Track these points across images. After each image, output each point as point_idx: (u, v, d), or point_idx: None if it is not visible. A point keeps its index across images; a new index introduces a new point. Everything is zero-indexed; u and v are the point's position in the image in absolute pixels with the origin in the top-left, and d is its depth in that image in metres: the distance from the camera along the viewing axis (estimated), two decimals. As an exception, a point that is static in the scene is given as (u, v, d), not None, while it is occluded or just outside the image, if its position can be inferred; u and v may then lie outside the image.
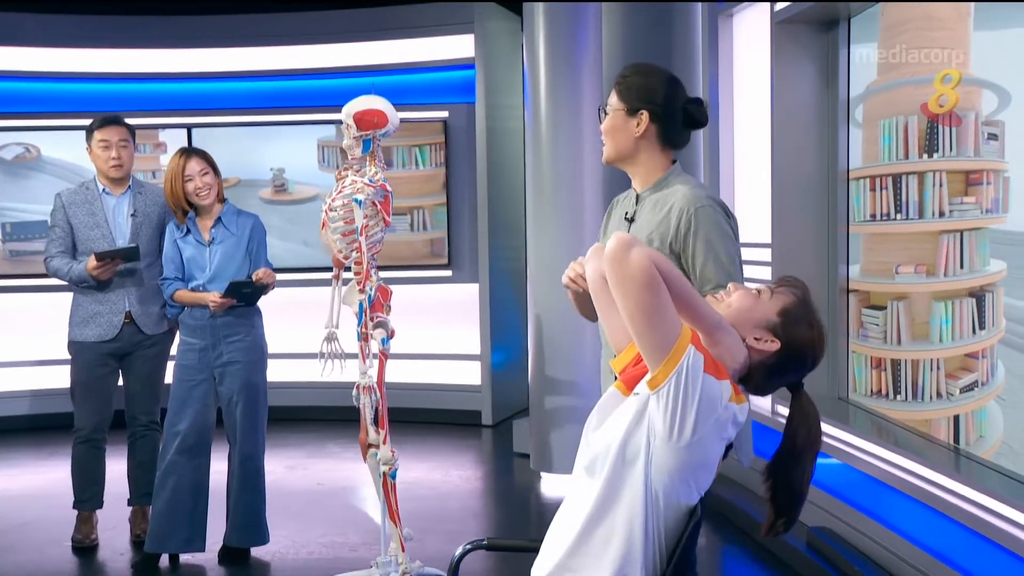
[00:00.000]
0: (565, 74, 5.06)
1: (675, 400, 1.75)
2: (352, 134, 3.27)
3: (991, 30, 3.25)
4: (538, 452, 5.30)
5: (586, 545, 1.85)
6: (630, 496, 1.82)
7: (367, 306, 3.31)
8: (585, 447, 1.96)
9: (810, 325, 1.90)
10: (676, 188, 2.44)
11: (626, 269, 1.73)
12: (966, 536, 3.11)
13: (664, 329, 1.73)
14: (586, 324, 5.03)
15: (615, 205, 2.63)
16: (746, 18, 4.76)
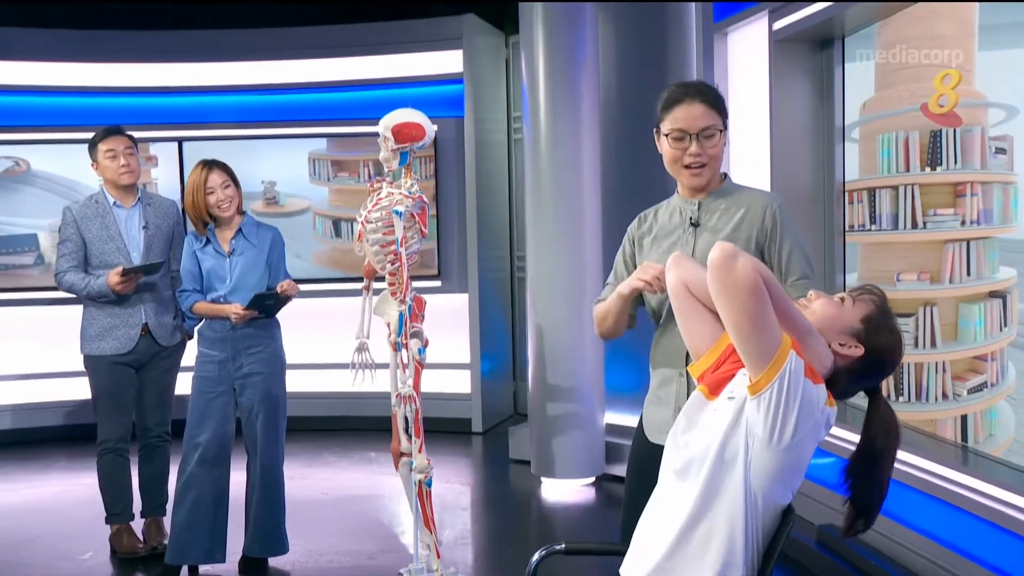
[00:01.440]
0: (564, 88, 5.11)
1: (777, 404, 1.79)
2: (390, 147, 3.27)
3: (996, 50, 3.37)
4: (539, 458, 5.32)
5: (686, 546, 1.88)
6: (730, 498, 1.85)
7: (407, 316, 3.31)
8: (675, 450, 1.99)
9: (891, 331, 1.96)
10: (744, 191, 2.51)
11: (734, 278, 1.77)
12: (975, 525, 3.21)
13: (768, 336, 1.78)
14: (587, 333, 5.14)
15: (646, 219, 2.62)
16: (741, 36, 4.85)
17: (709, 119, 2.40)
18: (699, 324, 2.09)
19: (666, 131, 2.45)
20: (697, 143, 2.40)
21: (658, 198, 5.36)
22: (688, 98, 2.42)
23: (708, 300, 2.08)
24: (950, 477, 3.40)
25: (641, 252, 2.59)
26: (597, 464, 5.31)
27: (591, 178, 5.19)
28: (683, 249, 2.45)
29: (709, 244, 2.40)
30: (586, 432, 5.25)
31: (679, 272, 2.11)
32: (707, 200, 2.49)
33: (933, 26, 3.70)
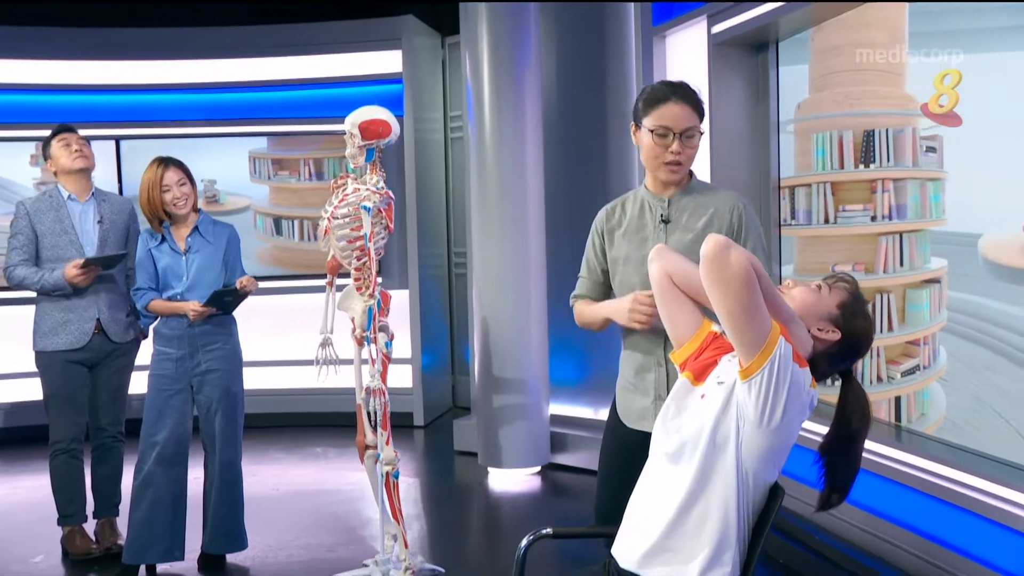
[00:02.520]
0: (508, 87, 5.17)
1: (767, 388, 1.86)
2: (356, 143, 3.27)
3: (926, 56, 3.54)
4: (486, 449, 5.37)
5: (683, 526, 1.95)
6: (723, 478, 1.93)
7: (376, 311, 3.32)
8: (665, 435, 2.06)
9: (864, 317, 2.07)
10: (711, 190, 2.61)
11: (728, 269, 1.84)
12: (910, 496, 3.39)
13: (760, 323, 1.86)
14: (532, 326, 5.21)
15: (614, 212, 2.67)
16: (679, 39, 4.98)
17: (692, 120, 2.49)
18: (681, 313, 2.17)
19: (651, 127, 2.50)
20: (679, 142, 2.47)
21: (597, 194, 5.52)
22: (675, 98, 2.49)
23: (690, 290, 2.17)
24: (886, 454, 3.57)
25: (612, 246, 2.65)
26: (543, 454, 5.39)
27: (535, 175, 5.26)
28: (651, 245, 2.52)
29: (680, 241, 2.50)
30: (532, 423, 5.32)
31: (662, 264, 2.19)
32: (676, 197, 2.57)
33: (865, 33, 3.88)
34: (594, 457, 5.28)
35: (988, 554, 3.05)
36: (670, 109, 2.48)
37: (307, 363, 6.47)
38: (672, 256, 2.20)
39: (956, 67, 3.36)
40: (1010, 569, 2.96)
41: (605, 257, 2.68)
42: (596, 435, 5.41)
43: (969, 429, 3.36)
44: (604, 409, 5.50)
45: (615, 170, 5.41)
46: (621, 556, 2.07)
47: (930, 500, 3.32)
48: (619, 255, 2.62)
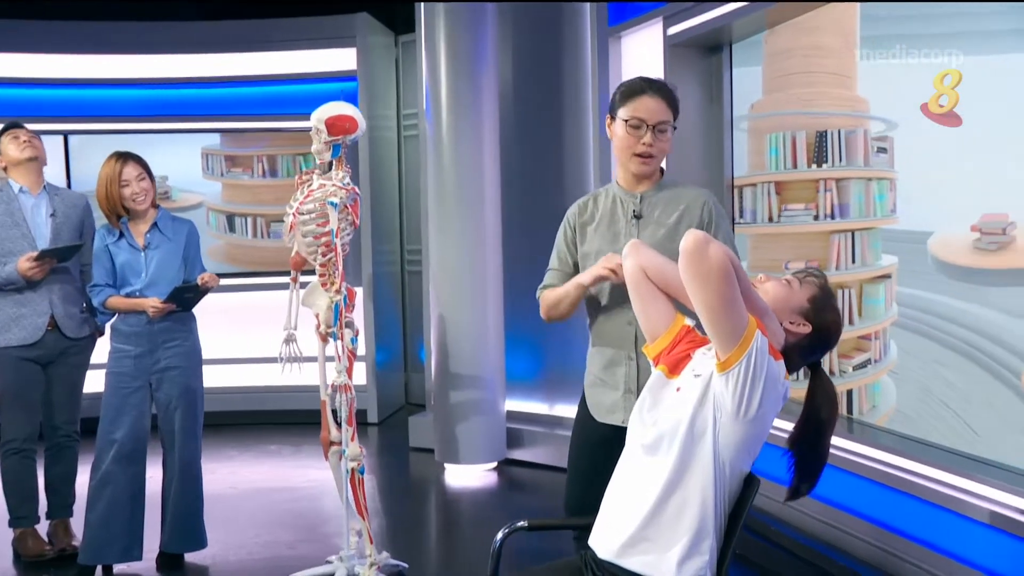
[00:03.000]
0: (466, 85, 5.18)
1: (744, 380, 1.90)
2: (323, 139, 3.25)
3: (876, 60, 3.64)
4: (443, 445, 5.38)
5: (661, 516, 1.97)
6: (701, 468, 1.95)
7: (343, 307, 3.30)
8: (642, 427, 2.08)
9: (834, 310, 2.13)
10: (681, 186, 2.64)
11: (707, 263, 1.86)
12: (861, 485, 3.48)
13: (738, 317, 1.89)
14: (489, 322, 5.22)
15: (586, 207, 2.70)
16: (635, 40, 5.04)
17: (666, 115, 2.53)
18: (655, 307, 2.20)
19: (625, 117, 2.53)
20: (652, 134, 2.51)
21: (553, 192, 5.57)
22: (651, 91, 2.54)
23: (664, 285, 2.20)
24: (839, 445, 3.65)
25: (583, 241, 2.68)
26: (499, 449, 5.41)
27: (492, 172, 5.27)
28: (625, 240, 2.54)
29: (652, 236, 2.53)
30: (489, 418, 5.33)
31: (637, 259, 2.22)
32: (648, 193, 2.60)
33: (818, 37, 3.97)
34: (549, 453, 5.37)
35: (938, 539, 3.15)
36: (645, 102, 2.52)
37: (259, 361, 6.49)
38: (646, 251, 2.24)
39: (903, 70, 3.47)
40: (959, 553, 3.06)
41: (576, 250, 2.71)
42: (551, 431, 5.47)
43: (918, 420, 3.47)
44: (559, 405, 5.58)
45: (570, 168, 5.45)
46: (599, 547, 2.09)
47: (882, 488, 3.41)
48: (590, 250, 2.65)
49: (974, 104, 3.13)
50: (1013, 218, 3.02)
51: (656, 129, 2.52)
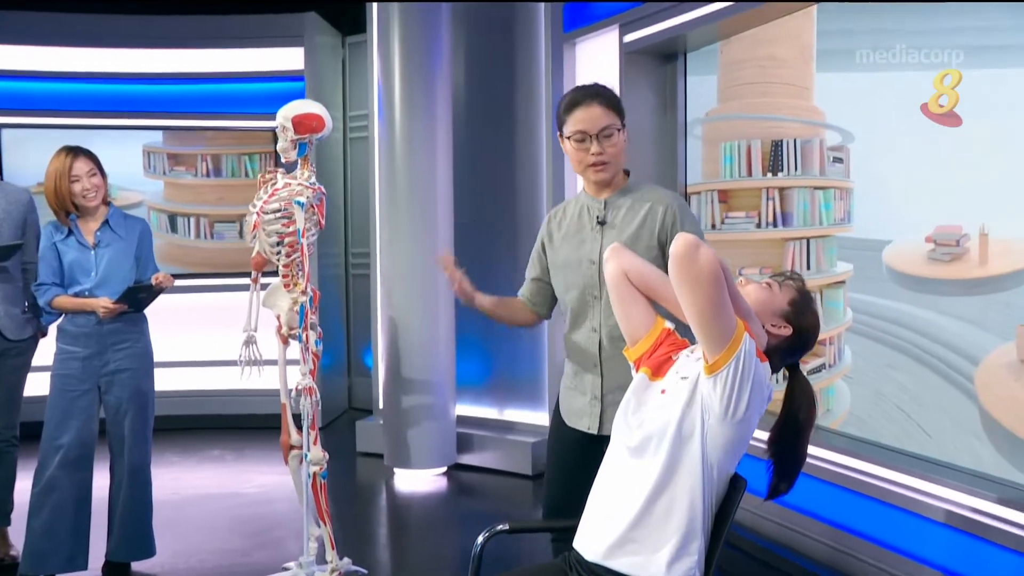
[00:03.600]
0: (420, 88, 5.14)
1: (732, 382, 1.90)
2: (289, 137, 3.18)
3: (833, 72, 3.73)
4: (393, 449, 5.32)
5: (649, 517, 1.97)
6: (689, 470, 1.95)
7: (308, 308, 3.23)
8: (627, 430, 2.07)
9: (813, 312, 2.15)
10: (647, 189, 2.59)
11: (698, 267, 1.86)
12: (816, 487, 3.55)
13: (727, 320, 1.89)
14: (440, 326, 5.18)
15: (555, 216, 2.69)
16: (590, 46, 5.07)
17: (607, 119, 2.47)
18: (636, 311, 2.20)
19: (568, 134, 2.51)
20: (598, 143, 2.47)
21: (505, 196, 5.55)
22: (587, 100, 2.49)
23: (645, 288, 2.20)
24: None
25: (552, 247, 2.66)
26: (449, 454, 5.37)
27: (444, 176, 5.24)
28: (589, 247, 2.55)
29: (615, 241, 2.51)
30: (439, 423, 5.29)
31: (618, 262, 2.22)
32: (612, 198, 2.56)
33: (774, 48, 4.04)
34: (499, 457, 5.36)
35: (895, 539, 3.22)
36: (583, 112, 2.47)
37: (195, 364, 6.33)
38: (627, 255, 2.23)
39: (859, 84, 3.55)
40: (916, 552, 3.14)
41: (547, 259, 2.70)
42: (501, 435, 5.46)
43: (872, 423, 3.55)
44: (509, 409, 5.57)
45: (523, 173, 5.44)
46: (585, 549, 2.08)
47: (837, 490, 3.48)
48: (558, 258, 2.63)
49: (930, 118, 3.23)
50: (967, 230, 3.11)
51: (601, 136, 2.47)
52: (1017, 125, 2.92)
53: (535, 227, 5.44)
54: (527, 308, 2.77)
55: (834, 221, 3.77)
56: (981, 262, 3.07)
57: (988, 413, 3.05)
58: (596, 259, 2.52)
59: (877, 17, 3.46)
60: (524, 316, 2.81)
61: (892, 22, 3.38)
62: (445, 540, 4.46)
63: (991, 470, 3.04)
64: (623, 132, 2.52)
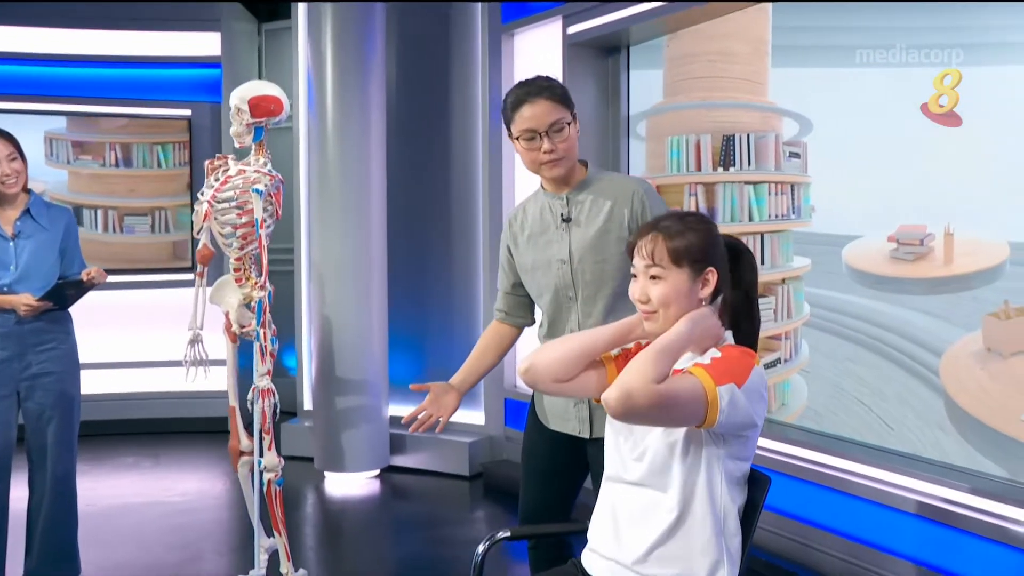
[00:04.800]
0: (353, 80, 4.93)
1: (729, 422, 1.77)
2: (244, 121, 2.93)
3: (788, 67, 3.72)
4: (324, 453, 5.08)
5: (672, 542, 1.84)
6: (703, 489, 1.83)
7: (267, 304, 3.00)
8: (619, 459, 1.93)
9: (694, 229, 1.88)
10: (608, 179, 2.45)
11: (644, 411, 1.72)
12: (773, 479, 3.53)
13: (693, 400, 1.74)
14: (374, 324, 4.99)
15: (516, 219, 2.53)
16: (530, 38, 4.95)
17: (556, 113, 2.33)
18: (586, 384, 2.00)
19: (516, 133, 2.36)
20: (548, 139, 2.32)
21: (439, 190, 5.39)
22: (532, 97, 2.34)
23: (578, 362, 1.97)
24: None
25: (518, 251, 2.51)
26: (383, 456, 5.17)
27: (378, 170, 5.05)
28: (556, 247, 2.40)
29: (583, 238, 2.39)
30: (372, 424, 5.09)
31: (537, 371, 2.00)
32: (573, 193, 2.41)
33: (726, 43, 4.02)
34: (432, 458, 5.20)
35: (858, 530, 3.23)
36: (529, 110, 2.33)
37: (100, 366, 5.92)
38: (542, 354, 2.00)
39: (819, 81, 3.56)
40: (868, 539, 3.15)
41: (516, 265, 2.55)
42: (433, 436, 5.28)
43: (830, 416, 3.55)
44: (442, 408, 5.40)
45: (457, 167, 5.29)
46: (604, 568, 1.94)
47: (795, 483, 3.47)
48: (526, 262, 2.49)
49: (892, 115, 3.25)
50: (931, 229, 3.14)
51: (551, 132, 2.33)
52: (983, 125, 2.96)
53: (470, 221, 5.38)
54: (505, 327, 2.59)
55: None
56: (946, 261, 3.10)
57: (954, 402, 3.08)
58: (567, 258, 2.40)
59: (832, 14, 3.46)
60: (507, 341, 2.61)
61: (848, 19, 3.38)
62: (383, 545, 4.28)
63: (957, 461, 3.07)
64: (574, 124, 2.37)
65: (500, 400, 5.17)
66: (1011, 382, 2.91)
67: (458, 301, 5.31)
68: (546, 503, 2.57)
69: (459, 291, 5.31)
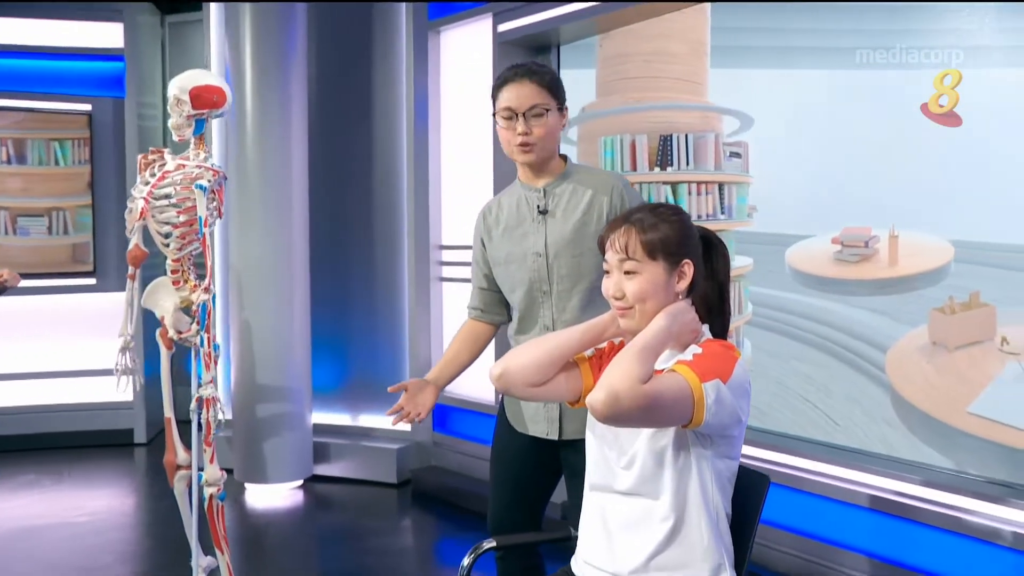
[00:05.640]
0: (274, 77, 4.72)
1: (716, 420, 1.71)
2: (185, 112, 2.72)
3: (728, 68, 3.73)
4: (245, 463, 4.84)
5: (669, 551, 1.78)
6: (696, 492, 1.77)
7: (211, 307, 2.80)
8: (606, 466, 1.85)
9: (668, 221, 1.81)
10: (587, 172, 2.40)
11: (631, 413, 1.64)
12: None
13: (679, 401, 1.67)
14: (296, 328, 4.79)
15: (490, 211, 2.45)
16: (457, 35, 4.84)
17: (538, 98, 2.28)
18: (558, 388, 1.92)
19: (496, 110, 2.32)
20: (524, 122, 2.28)
21: (361, 190, 5.23)
22: (518, 78, 2.30)
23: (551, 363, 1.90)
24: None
25: (492, 244, 2.42)
26: (306, 465, 4.96)
27: (300, 170, 4.84)
28: (532, 240, 2.34)
29: (560, 231, 2.33)
30: (296, 433, 4.88)
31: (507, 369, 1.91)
32: (551, 186, 2.36)
33: (663, 44, 4.00)
34: (356, 466, 5.02)
35: (801, 524, 3.25)
36: (512, 90, 2.29)
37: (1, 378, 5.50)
38: (514, 359, 1.92)
39: (758, 82, 3.58)
40: (820, 534, 3.18)
41: (489, 260, 2.46)
42: (357, 442, 5.11)
43: (773, 414, 3.57)
44: (364, 415, 5.24)
45: (382, 163, 5.12)
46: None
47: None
48: (500, 255, 2.40)
49: (834, 117, 3.29)
50: (875, 232, 3.18)
51: (529, 115, 2.27)
52: (900, 128, 3.02)
53: (394, 222, 5.22)
54: (480, 325, 2.49)
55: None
56: (891, 263, 3.15)
57: (900, 397, 3.13)
58: (542, 251, 2.32)
59: (773, 16, 3.49)
60: (482, 339, 2.50)
61: (789, 20, 3.42)
62: (308, 559, 4.09)
63: (904, 454, 3.12)
64: (557, 115, 2.31)
65: (427, 405, 5.03)
66: (956, 375, 2.98)
67: (382, 305, 5.15)
68: (517, 510, 2.48)
69: (383, 294, 5.15)
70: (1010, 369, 2.85)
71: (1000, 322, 2.88)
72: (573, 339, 1.91)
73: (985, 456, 2.92)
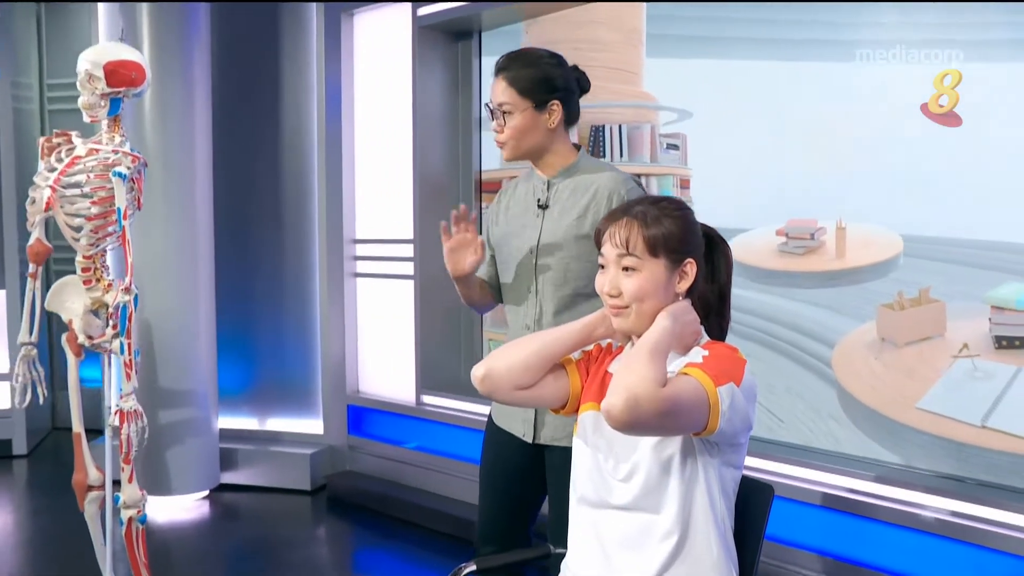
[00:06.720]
0: (175, 63, 4.35)
1: (730, 427, 1.59)
2: (99, 90, 2.40)
3: (664, 58, 3.63)
4: (146, 474, 4.39)
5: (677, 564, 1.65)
6: (702, 503, 1.65)
7: (132, 309, 2.48)
8: (602, 479, 1.70)
9: (672, 216, 1.70)
10: (595, 171, 2.24)
11: (651, 419, 1.50)
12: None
13: (697, 404, 1.55)
14: (201, 326, 4.46)
15: (506, 192, 2.32)
16: (372, 20, 4.59)
17: (503, 97, 2.18)
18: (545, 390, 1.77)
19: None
20: (496, 118, 2.19)
21: (271, 187, 4.92)
22: (497, 72, 2.21)
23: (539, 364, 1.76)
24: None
25: (496, 227, 2.29)
26: (213, 474, 4.62)
27: (203, 163, 4.49)
28: (529, 233, 2.20)
29: (554, 228, 2.20)
30: (202, 439, 4.53)
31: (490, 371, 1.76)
32: (557, 179, 2.23)
33: (594, 31, 3.87)
34: (265, 473, 4.72)
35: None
36: (495, 84, 2.21)
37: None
38: (500, 358, 1.78)
39: (696, 71, 3.49)
40: (769, 533, 3.09)
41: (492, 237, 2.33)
42: (264, 448, 4.81)
43: (714, 411, 3.49)
44: (272, 419, 4.93)
45: (290, 155, 4.79)
46: None
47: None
48: (499, 233, 2.27)
49: (782, 109, 3.23)
50: (822, 223, 3.13)
51: (500, 112, 2.17)
52: (846, 118, 2.99)
53: (305, 217, 4.91)
54: (486, 289, 2.33)
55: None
56: (838, 255, 3.10)
57: (847, 392, 3.09)
58: (534, 247, 2.18)
59: (711, 5, 3.40)
60: (484, 296, 2.34)
61: (730, 9, 3.34)
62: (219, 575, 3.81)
63: (850, 450, 3.08)
64: (535, 114, 2.16)
65: (342, 407, 4.77)
66: (904, 371, 2.95)
67: (292, 302, 4.84)
68: (505, 521, 2.32)
69: (293, 291, 4.84)
70: (959, 365, 2.84)
71: (948, 316, 2.86)
72: (562, 338, 1.77)
73: (933, 451, 2.91)
